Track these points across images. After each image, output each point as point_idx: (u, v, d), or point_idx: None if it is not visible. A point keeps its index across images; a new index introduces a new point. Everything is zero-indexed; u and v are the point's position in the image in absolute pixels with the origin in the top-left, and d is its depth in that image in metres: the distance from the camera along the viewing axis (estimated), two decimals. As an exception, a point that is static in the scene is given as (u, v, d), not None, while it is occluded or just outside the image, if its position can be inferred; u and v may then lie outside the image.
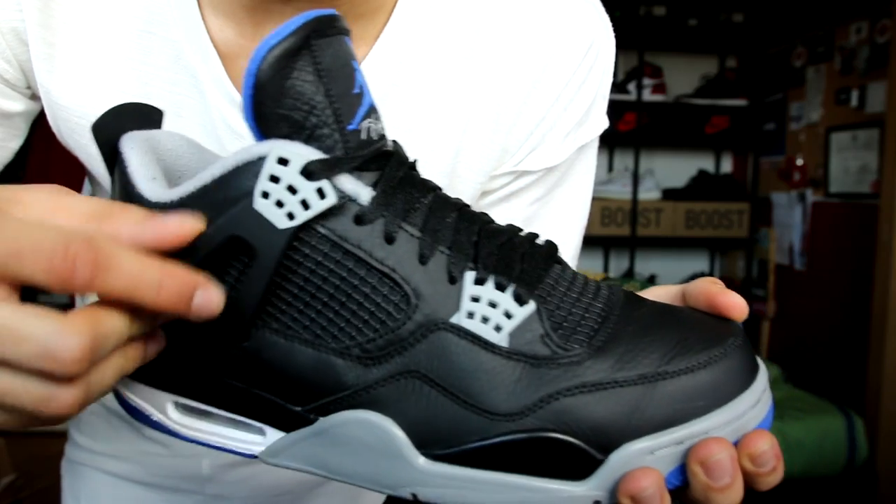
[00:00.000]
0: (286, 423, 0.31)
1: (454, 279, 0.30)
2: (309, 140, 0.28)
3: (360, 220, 0.29)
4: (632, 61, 2.87)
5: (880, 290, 2.23)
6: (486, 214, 0.33)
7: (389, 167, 0.30)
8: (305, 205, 0.28)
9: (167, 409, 0.32)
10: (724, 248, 3.17)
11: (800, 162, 2.75)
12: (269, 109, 0.27)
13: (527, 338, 0.29)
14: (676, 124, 2.91)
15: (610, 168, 3.05)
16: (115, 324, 0.26)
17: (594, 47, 0.50)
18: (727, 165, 3.19)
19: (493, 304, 0.29)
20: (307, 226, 0.28)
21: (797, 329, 2.74)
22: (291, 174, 0.27)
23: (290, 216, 0.28)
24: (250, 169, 0.28)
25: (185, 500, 0.61)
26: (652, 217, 2.89)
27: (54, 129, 0.49)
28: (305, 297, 0.29)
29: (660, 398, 0.28)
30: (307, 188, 0.28)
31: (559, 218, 0.55)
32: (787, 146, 2.83)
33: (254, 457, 0.32)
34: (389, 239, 0.29)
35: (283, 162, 0.27)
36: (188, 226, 0.27)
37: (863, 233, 2.35)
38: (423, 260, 0.29)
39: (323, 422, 0.30)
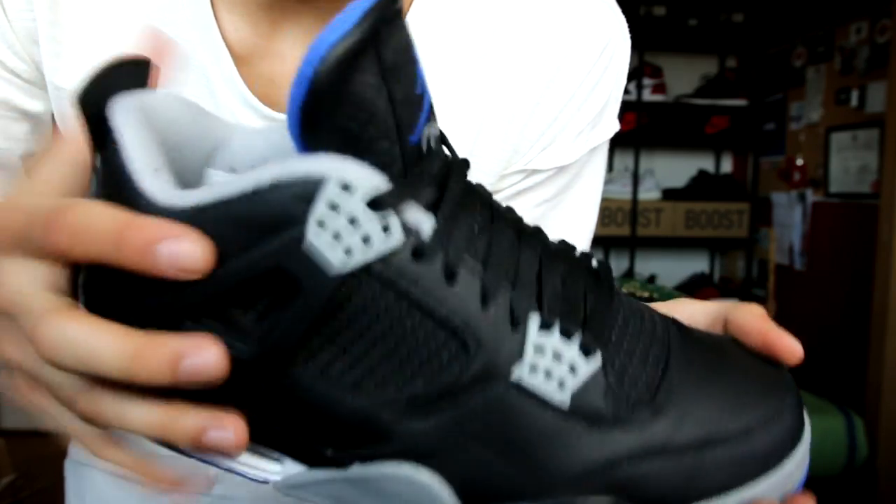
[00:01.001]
0: (311, 458, 0.28)
1: (517, 322, 0.26)
2: (363, 154, 0.23)
3: (418, 254, 0.24)
4: (632, 61, 2.83)
5: (880, 290, 2.23)
6: (539, 229, 0.29)
7: (452, 183, 0.26)
8: (367, 240, 0.23)
9: None
10: (724, 248, 3.17)
11: (800, 162, 2.75)
12: (323, 120, 0.22)
13: (590, 395, 0.26)
14: (676, 124, 2.91)
15: (610, 168, 3.05)
16: None
17: (609, 48, 0.50)
18: (727, 165, 3.19)
19: (557, 357, 0.26)
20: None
21: (797, 329, 2.67)
22: (355, 203, 0.22)
23: (348, 252, 0.23)
24: (295, 188, 0.22)
25: (191, 501, 0.60)
26: (652, 217, 2.90)
27: (61, 128, 0.49)
28: (347, 340, 0.25)
29: (716, 462, 0.27)
30: (371, 221, 0.23)
31: (569, 221, 0.55)
32: (787, 146, 2.83)
33: (266, 482, 0.29)
34: (450, 276, 0.25)
35: (345, 187, 0.22)
36: (203, 258, 0.22)
37: (863, 233, 2.36)
38: (484, 301, 0.25)
39: (359, 470, 0.27)
